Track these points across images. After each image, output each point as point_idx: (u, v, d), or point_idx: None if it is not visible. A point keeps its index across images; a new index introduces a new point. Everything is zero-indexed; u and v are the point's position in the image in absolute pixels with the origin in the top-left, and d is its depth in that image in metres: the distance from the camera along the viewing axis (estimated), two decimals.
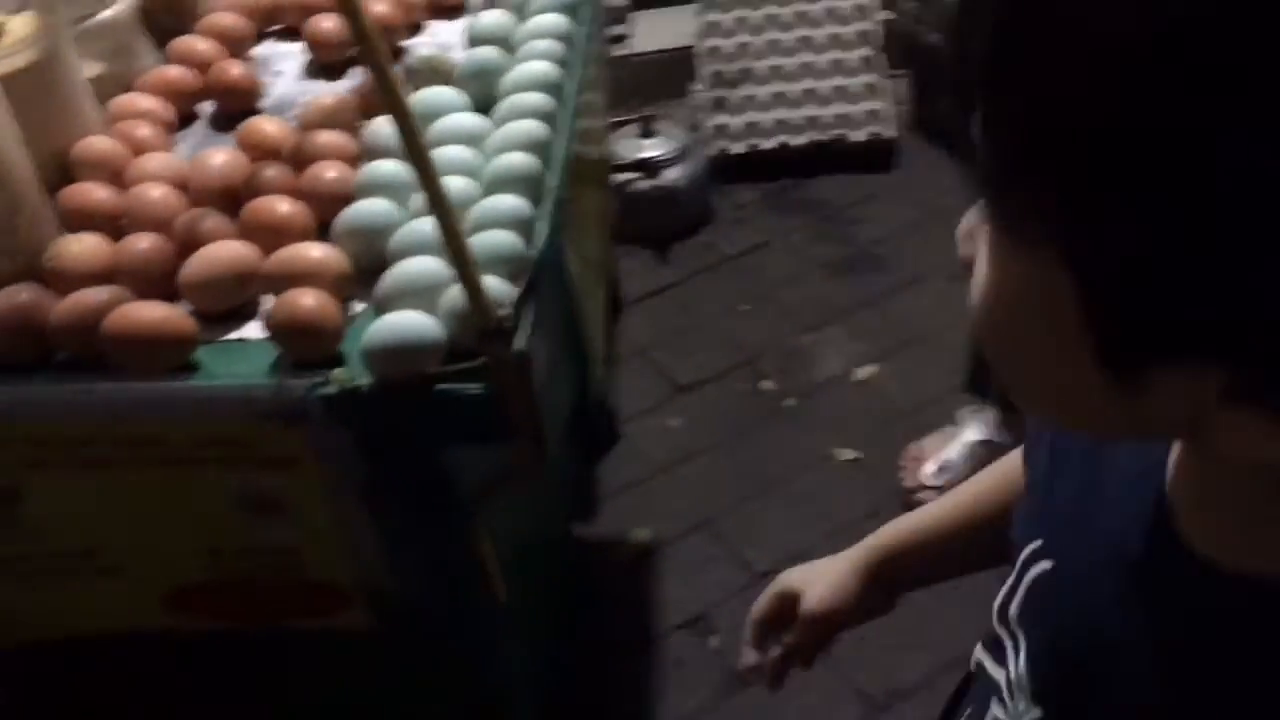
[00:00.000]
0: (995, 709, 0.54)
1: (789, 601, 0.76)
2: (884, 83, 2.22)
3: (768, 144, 2.22)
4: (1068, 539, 0.49)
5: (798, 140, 2.21)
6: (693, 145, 2.14)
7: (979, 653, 0.57)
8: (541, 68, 1.10)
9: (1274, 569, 0.39)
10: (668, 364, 1.90)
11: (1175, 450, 0.44)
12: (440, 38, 1.27)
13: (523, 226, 0.93)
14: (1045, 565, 0.51)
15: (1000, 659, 0.54)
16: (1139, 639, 0.44)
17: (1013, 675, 0.52)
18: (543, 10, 1.19)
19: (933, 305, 1.91)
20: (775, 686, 0.79)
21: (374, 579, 0.98)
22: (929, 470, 1.63)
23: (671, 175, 2.08)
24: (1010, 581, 0.53)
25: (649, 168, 2.07)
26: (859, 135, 2.20)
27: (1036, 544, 0.51)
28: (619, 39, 2.41)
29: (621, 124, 2.13)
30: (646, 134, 2.11)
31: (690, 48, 2.31)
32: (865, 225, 2.11)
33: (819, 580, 0.75)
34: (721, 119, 2.24)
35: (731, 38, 2.26)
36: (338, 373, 0.85)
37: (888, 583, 0.75)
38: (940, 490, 1.50)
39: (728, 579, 1.55)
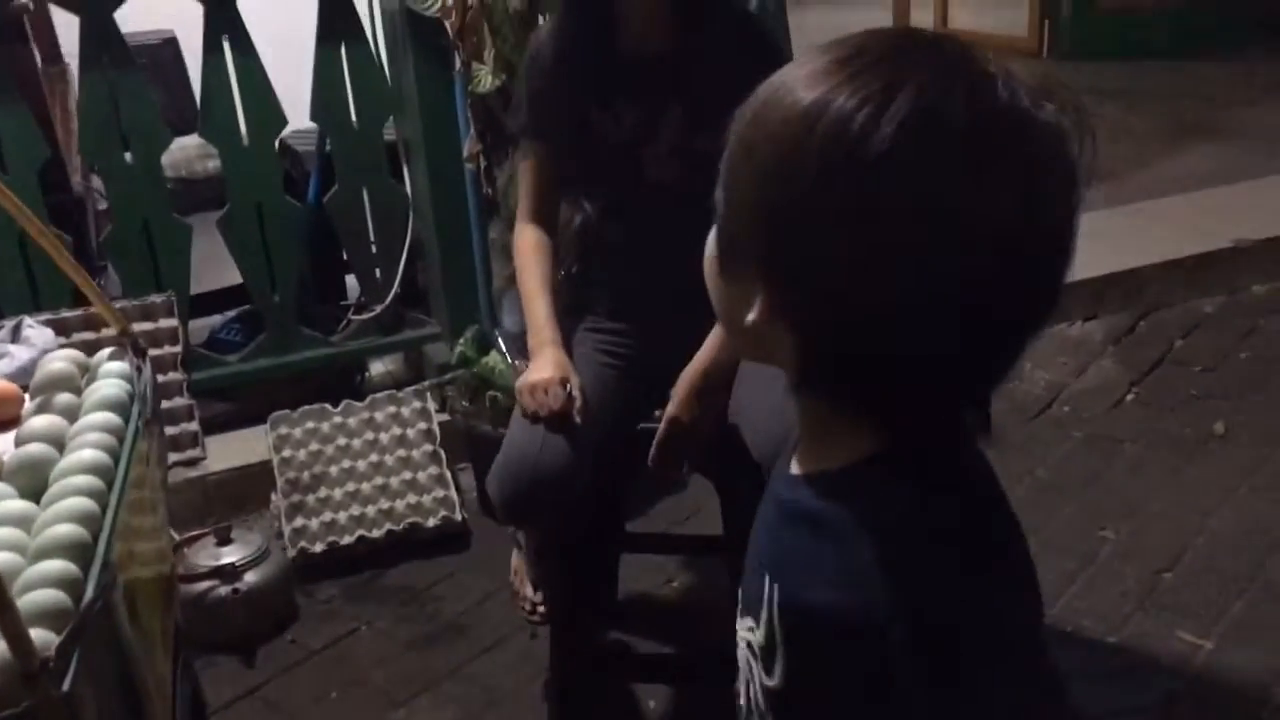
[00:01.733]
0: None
1: None
2: (449, 473, 2.45)
3: (347, 540, 2.34)
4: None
5: (375, 533, 2.35)
6: (272, 548, 2.22)
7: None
8: (90, 455, 1.20)
9: (819, 469, 0.72)
10: None
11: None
12: None
13: (70, 586, 1.00)
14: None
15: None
16: (762, 530, 0.78)
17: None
18: (93, 409, 1.31)
19: (514, 661, 2.05)
20: None
21: None
22: None
23: (251, 579, 2.14)
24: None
25: (227, 573, 2.12)
26: (432, 522, 2.38)
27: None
28: (193, 462, 2.51)
29: (198, 536, 2.19)
30: (223, 541, 2.17)
31: (268, 461, 2.45)
32: (446, 601, 2.24)
33: None
34: (300, 522, 2.35)
35: (303, 448, 2.43)
36: None
37: None
38: None
39: None
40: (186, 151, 2.73)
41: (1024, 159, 0.62)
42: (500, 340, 2.50)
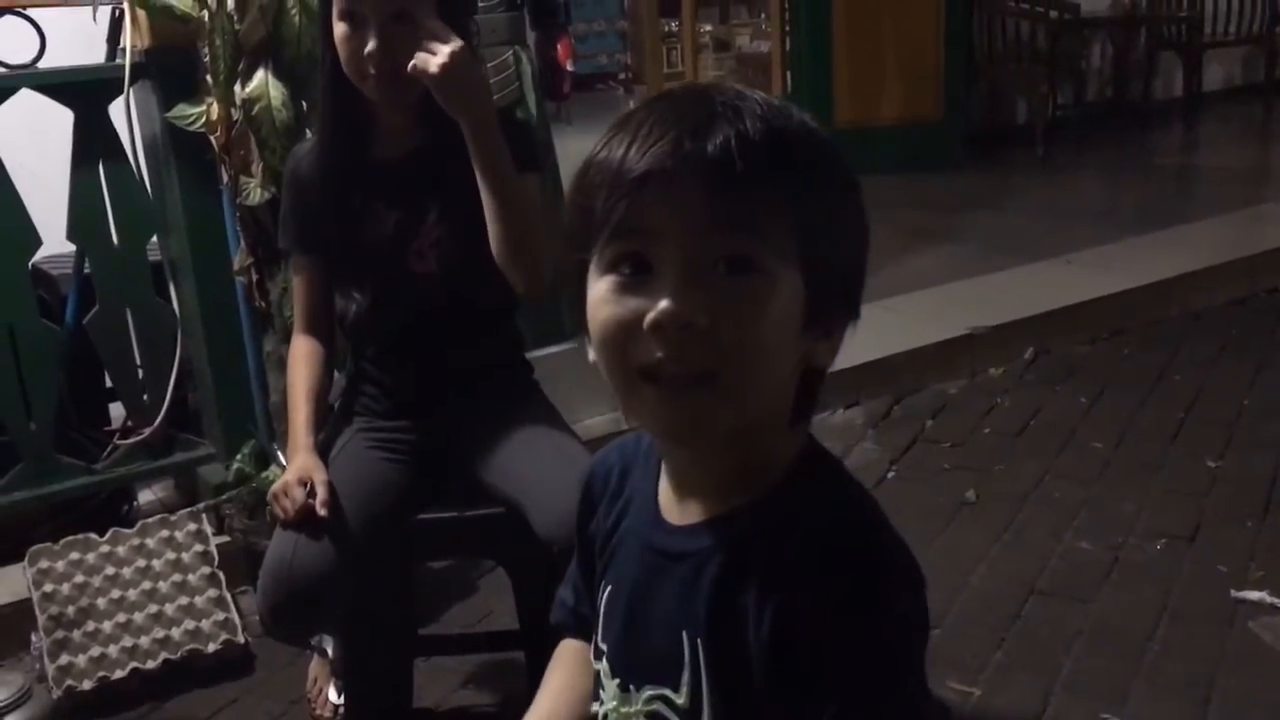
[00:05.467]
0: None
1: None
2: (229, 596, 2.36)
3: (119, 674, 2.20)
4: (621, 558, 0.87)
5: (150, 664, 2.23)
6: (34, 689, 2.07)
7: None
8: None
9: (705, 516, 0.79)
10: None
11: (661, 485, 0.84)
12: None
13: None
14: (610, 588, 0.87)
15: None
16: (663, 596, 0.80)
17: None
18: None
19: None
20: None
21: None
22: None
23: None
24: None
25: None
26: (212, 647, 2.28)
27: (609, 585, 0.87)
28: None
29: None
30: None
31: (26, 599, 2.29)
32: None
33: None
34: (65, 659, 2.20)
35: (67, 581, 2.29)
36: None
37: None
38: None
39: None
40: None
41: None
42: (280, 454, 2.45)
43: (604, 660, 0.85)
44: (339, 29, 1.60)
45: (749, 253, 0.72)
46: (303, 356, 1.77)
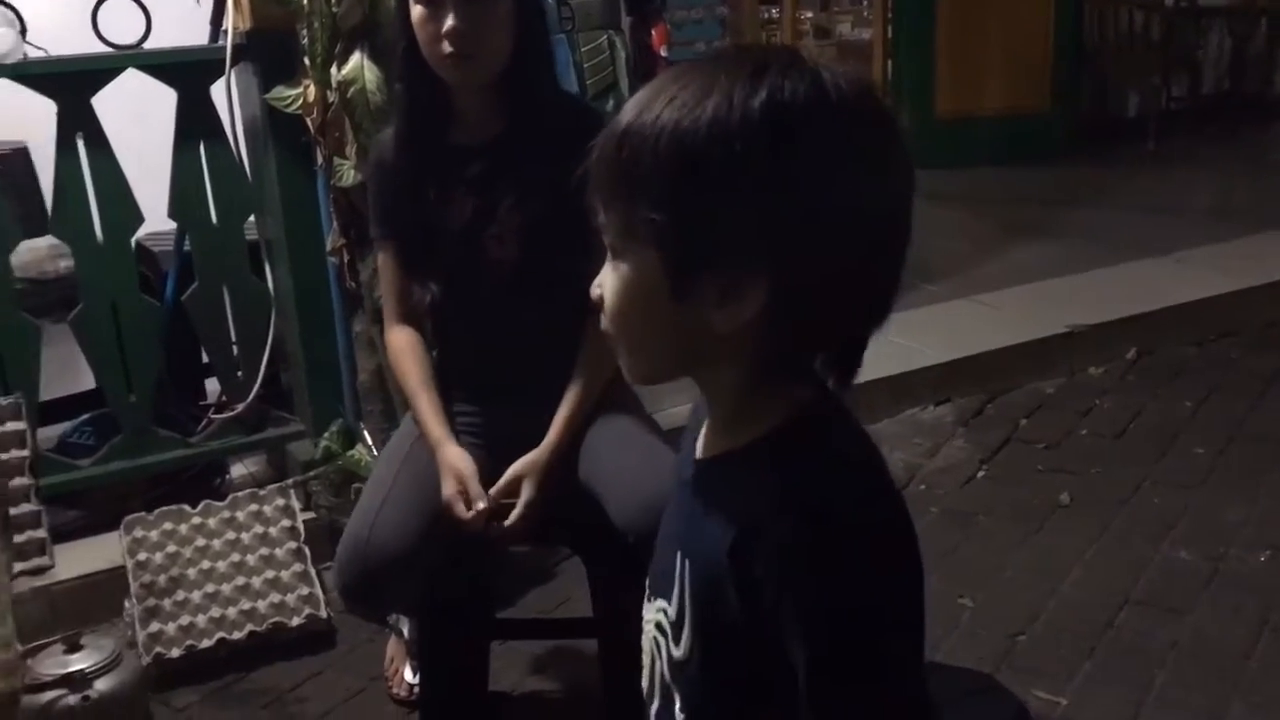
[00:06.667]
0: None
1: None
2: (313, 571, 2.40)
3: (206, 643, 2.25)
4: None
5: (236, 635, 2.27)
6: (125, 655, 2.12)
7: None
8: None
9: (725, 449, 0.84)
10: None
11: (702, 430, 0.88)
12: None
13: None
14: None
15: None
16: (673, 513, 0.90)
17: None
18: None
19: None
20: None
21: None
22: None
23: (102, 686, 2.04)
24: None
25: (76, 681, 2.01)
26: (296, 621, 2.32)
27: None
28: (40, 570, 2.40)
29: (45, 645, 2.08)
30: (72, 649, 2.07)
31: (120, 567, 2.36)
32: (311, 702, 2.17)
33: None
34: (155, 627, 2.26)
35: (160, 550, 2.35)
36: None
37: None
38: None
39: None
40: (37, 253, 2.67)
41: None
42: (365, 434, 2.48)
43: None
44: (416, 11, 1.62)
45: (612, 239, 0.80)
46: (406, 348, 1.78)
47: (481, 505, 1.62)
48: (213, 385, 2.87)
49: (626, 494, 1.57)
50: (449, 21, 1.58)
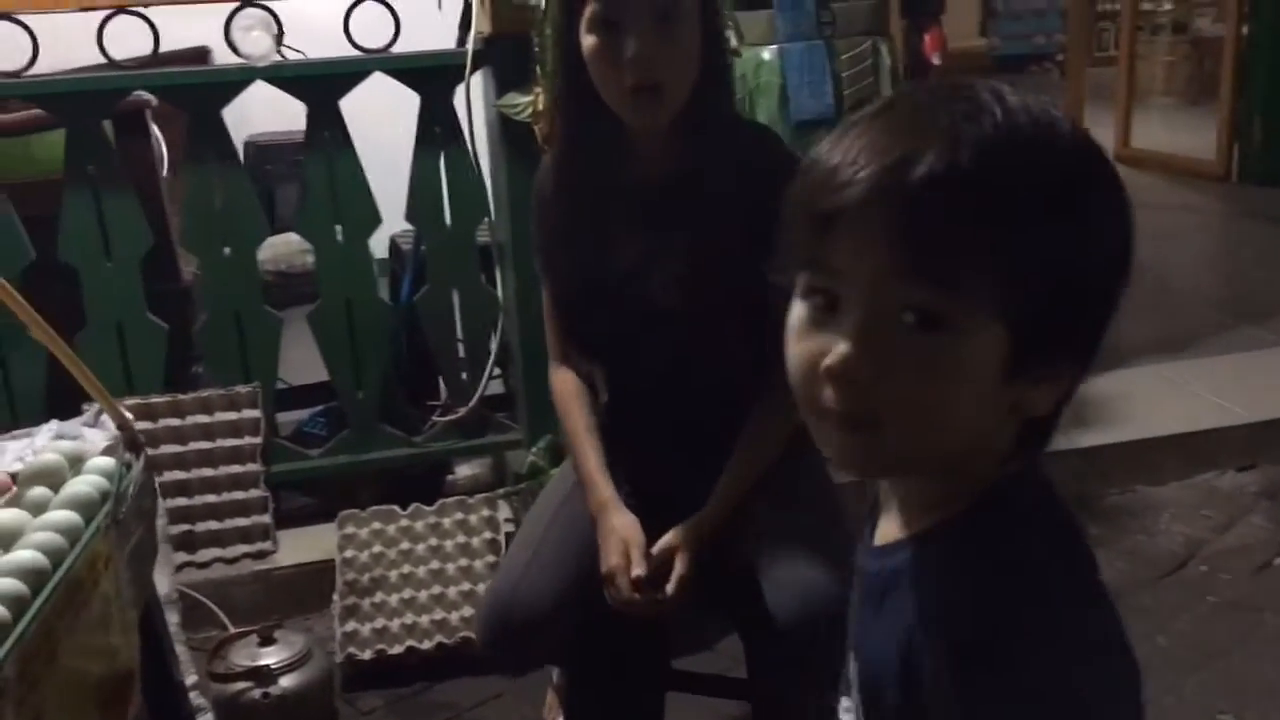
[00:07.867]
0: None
1: None
2: None
3: (396, 649, 2.26)
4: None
5: (426, 644, 2.26)
6: (314, 652, 2.16)
7: None
8: (26, 556, 1.15)
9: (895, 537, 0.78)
10: None
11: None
12: None
13: None
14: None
15: None
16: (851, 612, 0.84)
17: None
18: (57, 506, 1.27)
19: None
20: None
21: None
22: None
23: (287, 683, 2.07)
24: None
25: (263, 676, 2.06)
26: None
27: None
28: (262, 554, 2.49)
29: (242, 635, 2.14)
30: (266, 642, 2.12)
31: (333, 559, 2.41)
32: None
33: None
34: (352, 626, 2.29)
35: (367, 549, 2.38)
36: None
37: None
38: None
39: None
40: (289, 246, 2.78)
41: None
42: None
43: None
44: (589, 42, 1.43)
45: (939, 308, 0.67)
46: (573, 394, 1.65)
47: (639, 572, 1.48)
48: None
49: (785, 578, 1.42)
50: (631, 48, 1.41)
